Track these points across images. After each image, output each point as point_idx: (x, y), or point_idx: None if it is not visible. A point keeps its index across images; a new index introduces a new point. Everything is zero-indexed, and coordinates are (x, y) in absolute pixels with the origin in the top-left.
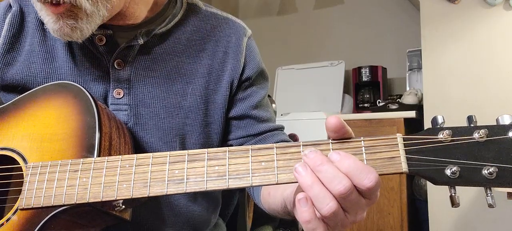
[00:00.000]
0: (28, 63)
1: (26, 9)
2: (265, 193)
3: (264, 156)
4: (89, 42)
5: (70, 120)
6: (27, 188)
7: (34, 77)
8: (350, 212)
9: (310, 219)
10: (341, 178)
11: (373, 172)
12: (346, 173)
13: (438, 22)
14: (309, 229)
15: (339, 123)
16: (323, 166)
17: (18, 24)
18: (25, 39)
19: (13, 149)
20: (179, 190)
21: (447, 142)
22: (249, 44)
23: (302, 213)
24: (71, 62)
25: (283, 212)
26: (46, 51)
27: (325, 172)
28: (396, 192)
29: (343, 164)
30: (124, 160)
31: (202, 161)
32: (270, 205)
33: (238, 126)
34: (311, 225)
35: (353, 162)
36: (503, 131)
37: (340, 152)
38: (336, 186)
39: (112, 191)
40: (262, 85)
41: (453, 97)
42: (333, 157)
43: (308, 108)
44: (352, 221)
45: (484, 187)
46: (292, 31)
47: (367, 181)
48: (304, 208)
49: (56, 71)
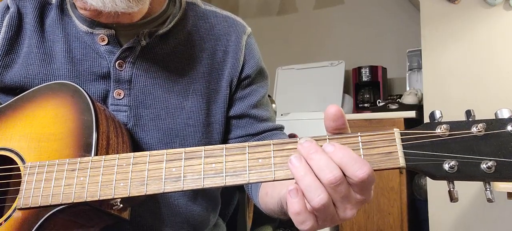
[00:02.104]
0: (26, 65)
1: (24, 10)
2: (263, 192)
3: (261, 153)
4: (90, 42)
5: (68, 120)
6: (25, 188)
7: (32, 79)
8: (340, 206)
9: (300, 211)
10: (332, 168)
11: (367, 165)
12: (339, 163)
13: (438, 22)
14: (298, 221)
15: (339, 111)
16: (316, 155)
17: (16, 26)
18: (23, 41)
19: (11, 149)
20: (176, 188)
21: (444, 136)
22: (248, 42)
23: (292, 204)
24: (70, 63)
25: (280, 211)
26: (44, 52)
27: (318, 160)
28: (396, 192)
29: (337, 155)
30: (121, 158)
31: (199, 159)
32: (268, 204)
33: (237, 125)
34: (300, 217)
35: (347, 152)
36: (501, 125)
37: (335, 144)
38: (326, 174)
39: (110, 190)
40: (261, 84)
41: (453, 97)
42: (327, 148)
43: (308, 108)
44: (342, 217)
45: (483, 182)
46: (292, 31)
47: (360, 171)
48: (295, 199)
49: (55, 73)
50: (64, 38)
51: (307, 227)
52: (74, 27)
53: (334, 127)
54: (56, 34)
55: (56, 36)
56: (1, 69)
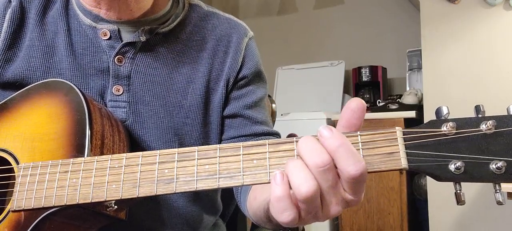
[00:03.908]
0: (28, 58)
1: (26, 4)
2: (251, 197)
3: (256, 154)
4: (93, 35)
5: (61, 119)
6: (18, 190)
7: (33, 72)
8: (325, 198)
9: (282, 196)
10: (321, 152)
11: (362, 163)
12: (332, 152)
13: (438, 22)
14: (280, 208)
15: (362, 104)
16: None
17: (18, 19)
18: (25, 34)
19: (5, 150)
20: (169, 190)
21: (451, 135)
22: (249, 45)
23: (275, 189)
24: (71, 57)
25: (265, 217)
26: (46, 45)
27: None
28: (396, 192)
29: (332, 143)
30: (113, 159)
31: (192, 160)
32: (255, 211)
33: (231, 125)
34: (282, 203)
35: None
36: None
37: (334, 129)
38: (313, 157)
39: (102, 192)
40: (259, 86)
41: (453, 97)
42: (323, 132)
43: (308, 108)
44: (325, 213)
45: (493, 183)
46: (292, 31)
47: (353, 167)
48: (279, 183)
49: (56, 66)
50: (67, 31)
51: (288, 218)
52: (77, 20)
53: (349, 117)
54: (58, 26)
55: (58, 28)
56: (3, 63)
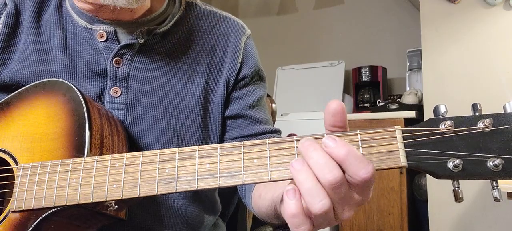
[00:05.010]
0: (22, 61)
1: (21, 7)
2: (256, 195)
3: (257, 153)
4: (89, 38)
5: (60, 119)
6: (18, 190)
7: (28, 75)
8: (338, 208)
9: (296, 213)
10: (332, 167)
11: (371, 165)
12: (340, 160)
13: (438, 22)
14: (294, 224)
15: (340, 106)
16: (315, 152)
17: (12, 22)
18: (20, 37)
19: (3, 150)
20: (170, 190)
21: (449, 133)
22: (247, 44)
23: (289, 206)
24: (67, 60)
25: (272, 214)
26: (41, 48)
27: (316, 158)
28: (396, 192)
29: (339, 151)
30: (113, 159)
31: (193, 159)
32: (260, 208)
33: (232, 126)
34: (297, 219)
35: (350, 150)
36: (510, 120)
37: (337, 138)
38: (326, 175)
39: (103, 192)
40: (259, 85)
41: (453, 97)
42: (328, 143)
43: (308, 108)
44: (339, 219)
45: (490, 180)
46: (292, 31)
47: (364, 171)
48: (292, 200)
49: (51, 69)
50: (62, 34)
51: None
52: (72, 22)
53: (332, 122)
54: (53, 29)
55: (53, 31)
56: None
